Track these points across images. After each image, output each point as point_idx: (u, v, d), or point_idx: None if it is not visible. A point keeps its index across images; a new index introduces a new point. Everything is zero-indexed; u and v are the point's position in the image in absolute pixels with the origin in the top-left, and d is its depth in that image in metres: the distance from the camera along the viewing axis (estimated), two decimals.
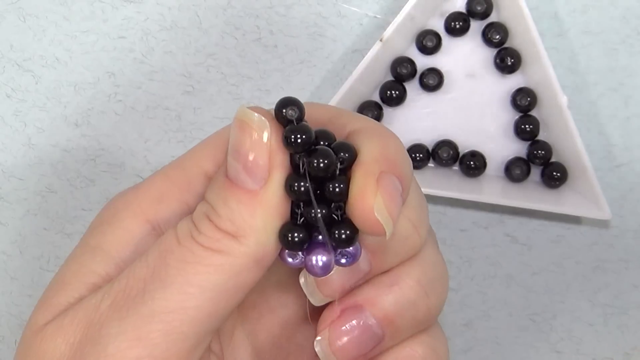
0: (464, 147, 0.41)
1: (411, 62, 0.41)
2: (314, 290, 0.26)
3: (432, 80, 0.41)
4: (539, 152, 0.41)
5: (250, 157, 0.23)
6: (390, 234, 0.23)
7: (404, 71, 0.41)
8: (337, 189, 0.23)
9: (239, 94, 0.42)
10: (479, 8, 0.40)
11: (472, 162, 0.41)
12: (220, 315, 0.24)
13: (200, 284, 0.23)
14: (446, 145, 0.41)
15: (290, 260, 0.25)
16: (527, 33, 0.39)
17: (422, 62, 0.41)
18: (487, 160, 0.41)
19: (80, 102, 0.42)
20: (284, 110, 0.23)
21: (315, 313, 0.27)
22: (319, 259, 0.24)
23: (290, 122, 0.23)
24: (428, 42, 0.41)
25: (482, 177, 0.41)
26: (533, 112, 0.41)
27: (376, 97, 0.41)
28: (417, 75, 0.41)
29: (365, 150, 0.24)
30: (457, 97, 0.41)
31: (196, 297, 0.23)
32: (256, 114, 0.24)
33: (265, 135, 0.23)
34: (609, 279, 0.42)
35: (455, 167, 0.42)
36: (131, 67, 0.42)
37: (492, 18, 0.41)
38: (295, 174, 0.24)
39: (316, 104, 0.27)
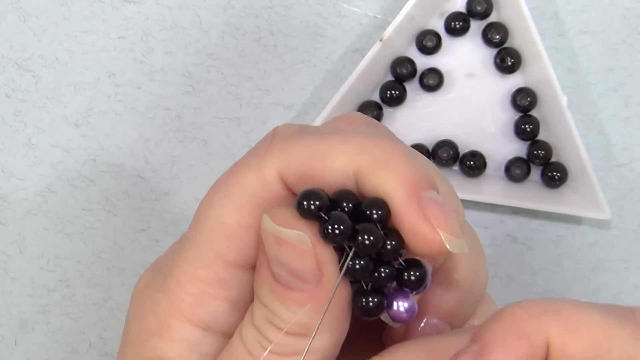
0: (464, 147, 0.41)
1: (411, 62, 0.41)
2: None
3: (432, 80, 0.41)
4: (539, 152, 0.41)
5: (299, 268, 0.23)
6: (467, 252, 0.23)
7: (404, 71, 0.41)
8: (389, 247, 0.23)
9: (239, 94, 0.42)
10: (479, 8, 0.40)
11: (472, 162, 0.41)
12: None
13: None
14: (446, 145, 0.41)
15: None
16: (527, 33, 0.39)
17: (422, 62, 0.41)
18: (487, 160, 0.41)
19: (80, 102, 0.42)
20: (305, 206, 0.23)
21: (361, 327, 0.27)
22: (400, 305, 0.24)
23: (317, 215, 0.23)
24: (428, 42, 0.41)
25: (482, 177, 0.41)
26: (533, 112, 0.41)
27: (376, 97, 0.41)
28: (417, 75, 0.41)
29: (390, 191, 0.23)
30: (457, 97, 0.41)
31: None
32: (293, 233, 0.23)
33: (307, 246, 0.23)
34: (609, 279, 0.42)
35: (455, 167, 0.42)
36: (131, 67, 0.42)
37: (492, 18, 0.41)
38: (345, 257, 0.23)
39: (293, 149, 0.24)
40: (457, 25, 0.41)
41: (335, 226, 0.23)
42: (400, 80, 0.41)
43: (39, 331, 0.42)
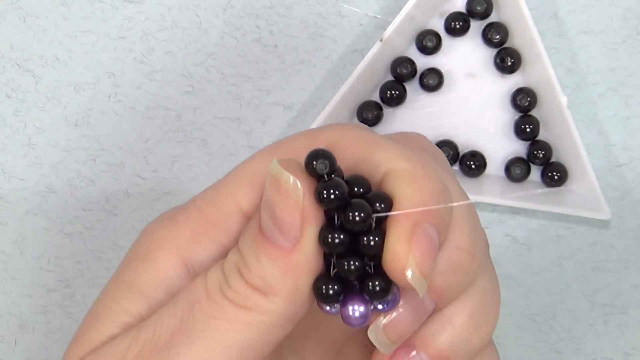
0: (464, 147, 0.41)
1: (411, 62, 0.41)
2: (384, 341, 0.25)
3: (432, 80, 0.41)
4: (539, 152, 0.41)
5: (283, 217, 0.23)
6: (423, 294, 0.23)
7: (404, 71, 0.41)
8: (371, 243, 0.23)
9: (239, 94, 0.42)
10: (479, 8, 0.40)
11: (472, 162, 0.41)
12: None
13: (226, 343, 0.23)
14: (446, 145, 0.41)
15: (327, 308, 0.24)
16: (527, 33, 0.39)
17: (422, 62, 0.41)
18: (487, 160, 0.41)
19: (80, 102, 0.42)
20: (314, 164, 0.23)
21: (356, 342, 0.27)
22: (355, 309, 0.23)
23: (320, 176, 0.23)
24: (428, 42, 0.41)
25: (482, 177, 0.41)
26: (533, 112, 0.41)
27: (376, 97, 0.41)
28: (417, 75, 0.41)
29: (400, 199, 0.23)
30: (457, 97, 0.41)
31: (221, 356, 0.23)
32: (291, 177, 0.23)
33: (299, 197, 0.23)
34: (609, 279, 0.42)
35: (455, 167, 0.42)
36: (131, 67, 0.42)
37: (492, 18, 0.41)
38: (329, 226, 0.23)
39: (350, 131, 0.26)
40: (457, 25, 0.41)
41: (331, 192, 0.23)
42: (400, 80, 0.41)
43: (39, 331, 0.42)
